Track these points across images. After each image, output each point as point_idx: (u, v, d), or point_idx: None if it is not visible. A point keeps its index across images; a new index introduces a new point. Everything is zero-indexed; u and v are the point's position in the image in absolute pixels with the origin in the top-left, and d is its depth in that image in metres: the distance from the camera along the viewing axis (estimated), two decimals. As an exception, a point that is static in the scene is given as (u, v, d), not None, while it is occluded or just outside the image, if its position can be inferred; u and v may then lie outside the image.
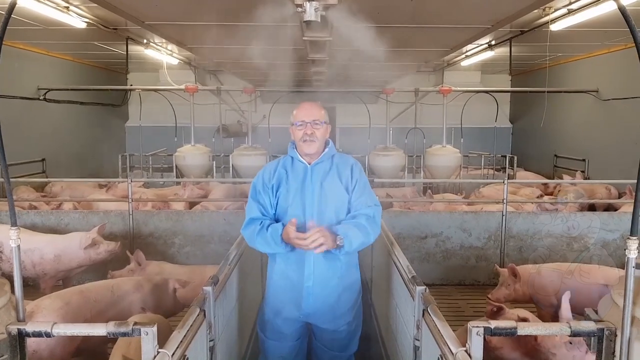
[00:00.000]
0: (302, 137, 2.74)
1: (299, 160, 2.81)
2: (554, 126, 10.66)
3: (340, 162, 2.87)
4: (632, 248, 1.76)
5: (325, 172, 2.79)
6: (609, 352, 1.86)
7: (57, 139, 9.92)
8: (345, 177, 2.80)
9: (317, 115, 2.77)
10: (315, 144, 2.75)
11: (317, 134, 2.75)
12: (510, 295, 4.16)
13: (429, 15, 4.78)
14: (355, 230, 2.63)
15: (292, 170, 2.81)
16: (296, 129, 2.77)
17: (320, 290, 2.75)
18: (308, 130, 2.73)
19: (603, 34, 7.27)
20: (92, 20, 6.16)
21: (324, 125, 2.80)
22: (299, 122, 2.75)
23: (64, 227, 5.59)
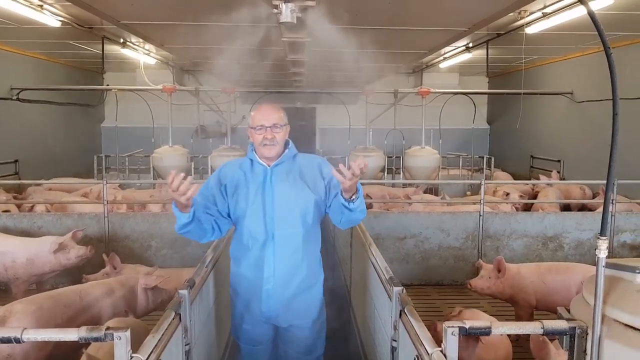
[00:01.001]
0: (262, 142, 2.64)
1: (258, 162, 2.72)
2: (530, 127, 10.84)
3: (305, 162, 2.77)
4: (602, 248, 1.79)
5: (286, 173, 2.70)
6: (581, 349, 1.89)
7: (31, 139, 9.73)
8: (313, 178, 2.71)
9: (277, 119, 2.67)
10: (276, 148, 2.66)
11: (278, 138, 2.66)
12: (489, 288, 4.20)
13: (406, 18, 4.82)
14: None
15: (252, 172, 2.72)
16: (255, 133, 2.67)
17: (281, 292, 2.68)
18: (268, 135, 2.63)
19: (577, 37, 7.42)
20: (67, 19, 6.06)
21: (284, 127, 2.71)
22: (258, 126, 2.64)
23: (37, 230, 5.48)
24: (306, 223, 2.69)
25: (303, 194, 2.67)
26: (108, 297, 3.57)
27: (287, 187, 2.67)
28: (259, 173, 2.70)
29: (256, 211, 2.65)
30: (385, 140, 10.42)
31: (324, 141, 13.35)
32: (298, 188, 2.68)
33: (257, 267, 2.68)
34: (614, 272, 1.91)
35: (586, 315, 1.90)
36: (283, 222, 2.64)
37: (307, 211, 2.68)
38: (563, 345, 1.94)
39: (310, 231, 2.73)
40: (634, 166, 7.01)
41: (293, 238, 2.67)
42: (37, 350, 2.98)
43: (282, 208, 2.65)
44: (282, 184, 2.67)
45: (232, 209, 2.70)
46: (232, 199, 2.68)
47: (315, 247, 2.81)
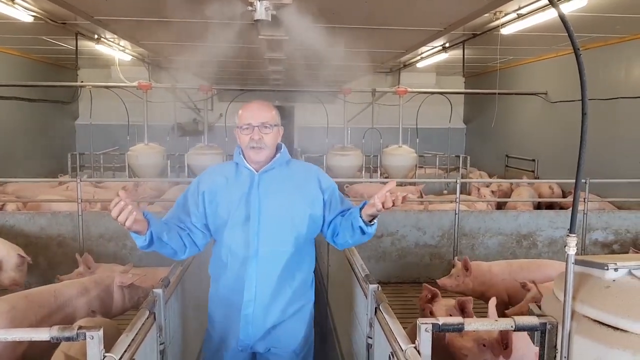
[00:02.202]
0: (249, 144, 2.32)
1: (244, 166, 2.39)
2: (505, 127, 10.99)
3: (300, 170, 2.47)
4: (571, 245, 1.83)
5: (277, 181, 2.37)
6: (551, 345, 1.93)
7: (3, 137, 9.50)
8: (310, 189, 2.39)
9: (267, 117, 2.35)
10: (264, 152, 2.34)
11: (267, 140, 2.33)
12: (458, 286, 4.27)
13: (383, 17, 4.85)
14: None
15: (236, 178, 2.40)
16: (242, 133, 2.35)
17: (262, 318, 2.36)
18: (255, 136, 2.31)
19: (551, 39, 7.55)
20: (40, 14, 5.93)
21: (275, 128, 2.37)
22: (245, 125, 2.33)
23: (8, 229, 5.36)
24: (298, 241, 2.36)
25: (296, 207, 2.35)
26: (83, 297, 3.53)
27: (277, 197, 2.35)
28: (245, 179, 2.38)
29: (238, 223, 2.33)
30: (363, 139, 10.45)
31: (302, 140, 13.34)
32: (290, 199, 2.36)
33: (235, 289, 2.36)
34: (583, 268, 1.95)
35: (557, 312, 1.93)
36: (270, 238, 2.32)
37: (299, 227, 2.36)
38: (534, 340, 1.98)
39: (302, 250, 2.40)
40: (606, 165, 7.17)
41: (280, 257, 2.34)
42: (11, 350, 2.95)
43: (270, 221, 2.32)
44: (271, 193, 2.35)
45: (210, 219, 2.38)
46: (211, 208, 2.37)
47: (307, 268, 2.47)
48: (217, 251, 2.44)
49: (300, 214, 2.36)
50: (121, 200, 1.98)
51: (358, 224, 2.22)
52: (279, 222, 2.33)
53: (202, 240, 2.42)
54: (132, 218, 1.98)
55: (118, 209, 1.97)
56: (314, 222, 2.40)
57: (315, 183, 2.42)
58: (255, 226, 2.32)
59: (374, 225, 2.26)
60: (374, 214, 2.18)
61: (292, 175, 2.43)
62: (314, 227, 2.42)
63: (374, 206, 2.12)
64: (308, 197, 2.38)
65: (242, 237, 2.33)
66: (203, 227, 2.40)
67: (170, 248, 2.28)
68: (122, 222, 1.99)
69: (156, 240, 2.17)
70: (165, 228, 2.24)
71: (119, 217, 1.98)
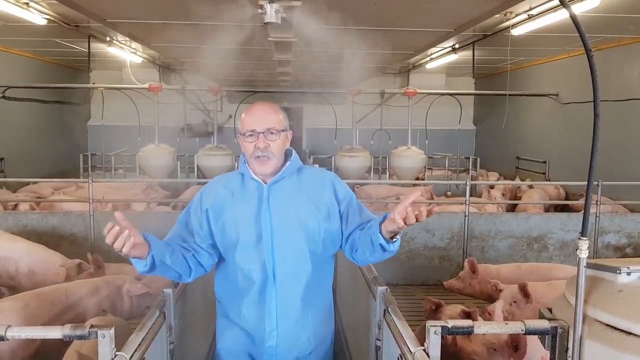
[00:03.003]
0: (254, 153, 2.06)
1: (251, 178, 2.13)
2: (515, 129, 10.92)
3: (313, 178, 2.19)
4: (583, 248, 1.82)
5: (288, 192, 2.12)
6: (562, 349, 1.91)
7: (17, 138, 9.61)
8: (325, 200, 2.13)
9: (273, 122, 2.07)
10: (272, 162, 2.07)
11: (274, 148, 2.06)
12: (464, 288, 4.25)
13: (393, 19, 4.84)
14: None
15: (243, 191, 2.13)
16: (245, 141, 2.08)
17: (287, 350, 2.13)
18: (261, 144, 2.04)
19: (563, 39, 7.50)
20: (53, 17, 5.99)
21: (283, 134, 2.10)
22: (249, 132, 2.06)
23: (22, 228, 5.42)
24: (316, 258, 2.13)
25: (312, 220, 2.10)
26: (93, 296, 3.56)
27: (289, 212, 2.10)
28: (253, 192, 2.12)
29: (249, 243, 2.08)
30: (371, 140, 10.44)
31: (310, 141, 13.35)
32: (305, 212, 2.10)
33: (256, 318, 2.11)
34: (595, 272, 1.94)
35: (568, 315, 1.92)
36: (286, 258, 2.09)
37: (316, 243, 2.12)
38: (545, 344, 1.97)
39: (321, 269, 2.18)
40: (619, 168, 7.10)
41: (300, 278, 2.11)
42: (23, 347, 2.98)
43: (284, 239, 2.08)
44: (283, 207, 2.09)
45: (217, 239, 2.13)
46: (217, 227, 2.12)
47: (327, 287, 2.27)
48: (225, 274, 2.18)
49: (316, 229, 2.10)
50: (115, 226, 1.75)
51: (378, 241, 1.95)
52: (294, 239, 2.09)
53: (209, 261, 2.16)
54: (129, 244, 1.77)
55: (113, 235, 1.75)
56: (332, 238, 2.15)
57: (330, 193, 2.15)
58: (269, 246, 2.07)
59: (397, 242, 1.98)
60: (395, 231, 1.90)
61: (305, 184, 2.15)
62: (332, 243, 2.17)
63: (394, 222, 1.84)
64: (324, 210, 2.12)
65: (256, 259, 2.08)
66: (209, 247, 2.14)
67: (174, 272, 2.05)
68: (119, 249, 1.77)
69: (158, 264, 1.96)
70: (168, 250, 2.01)
71: (114, 244, 1.75)
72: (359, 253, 2.11)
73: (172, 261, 2.01)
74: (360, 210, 2.19)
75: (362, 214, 2.17)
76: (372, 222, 2.05)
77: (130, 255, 1.83)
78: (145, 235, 1.91)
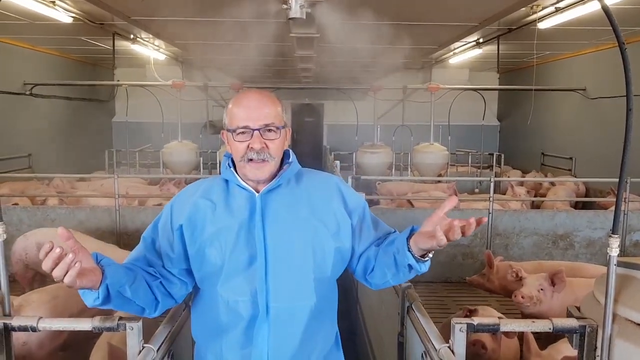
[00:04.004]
0: (246, 155, 1.62)
1: (239, 185, 1.69)
2: (541, 124, 10.75)
3: (316, 185, 1.76)
4: (613, 246, 1.78)
5: (287, 203, 1.68)
6: (591, 348, 1.88)
7: (44, 134, 9.81)
8: (333, 212, 1.70)
9: (271, 116, 1.64)
10: (269, 166, 1.65)
11: (273, 149, 1.64)
12: (484, 284, 4.20)
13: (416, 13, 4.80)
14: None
15: (228, 202, 1.68)
16: (235, 139, 1.64)
17: None
18: (256, 144, 1.61)
19: (591, 33, 7.34)
20: (79, 15, 6.09)
21: (283, 131, 1.68)
22: (240, 129, 1.63)
23: (50, 223, 5.54)
24: (321, 287, 1.69)
25: (317, 240, 1.67)
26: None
27: (290, 227, 1.66)
28: (242, 204, 1.67)
29: (238, 268, 1.62)
30: (393, 136, 10.38)
31: (331, 138, 13.35)
32: (309, 228, 1.67)
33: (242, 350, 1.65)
34: (625, 270, 1.90)
35: (597, 314, 1.88)
36: (284, 289, 1.64)
37: (322, 268, 1.68)
38: (573, 343, 1.93)
39: (327, 299, 1.74)
40: (647, 164, 6.91)
41: (300, 314, 1.65)
42: (51, 339, 3.04)
43: (282, 264, 1.64)
44: (281, 222, 1.66)
45: (195, 264, 1.67)
46: (194, 248, 1.66)
47: (332, 320, 1.82)
48: (205, 307, 1.72)
49: (323, 249, 1.67)
50: (55, 247, 1.34)
51: (406, 261, 1.58)
52: (295, 264, 1.65)
53: (181, 291, 1.72)
54: (74, 271, 1.34)
55: (52, 260, 1.33)
56: (341, 259, 1.72)
57: (338, 202, 1.73)
58: (262, 272, 1.61)
59: (428, 262, 1.61)
60: (432, 249, 1.53)
61: (307, 193, 1.72)
62: (340, 266, 1.74)
63: (432, 238, 1.47)
64: (331, 224, 1.69)
65: (245, 289, 1.62)
66: (182, 273, 1.70)
67: (135, 305, 1.61)
68: (59, 279, 1.34)
69: (115, 296, 1.53)
70: (129, 277, 1.57)
71: (53, 271, 1.34)
72: (376, 275, 1.72)
73: (133, 292, 1.56)
74: (376, 223, 1.81)
75: (377, 227, 1.80)
76: (394, 237, 1.72)
77: (76, 286, 1.39)
78: (98, 259, 1.50)
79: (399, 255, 1.61)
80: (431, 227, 1.50)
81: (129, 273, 1.58)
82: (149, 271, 1.67)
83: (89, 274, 1.42)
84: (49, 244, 1.33)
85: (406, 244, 1.58)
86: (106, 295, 1.50)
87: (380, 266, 1.70)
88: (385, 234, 1.80)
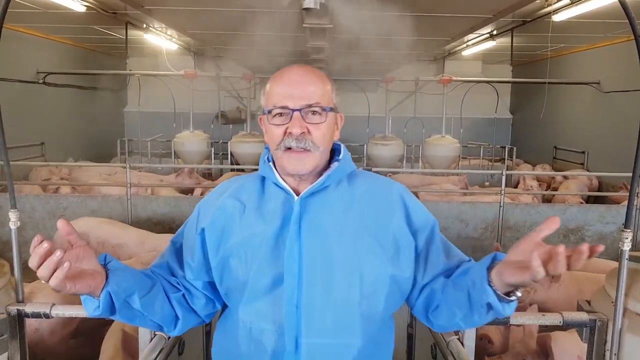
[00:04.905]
0: (283, 142, 1.32)
1: (277, 184, 1.38)
2: (554, 118, 10.65)
3: (372, 190, 1.40)
4: (626, 240, 1.77)
5: (334, 212, 1.34)
6: (601, 342, 1.88)
7: (56, 123, 9.89)
8: (392, 229, 1.34)
9: (317, 95, 1.33)
10: (312, 157, 1.32)
11: (316, 136, 1.32)
12: None
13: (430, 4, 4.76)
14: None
15: (261, 204, 1.37)
16: (271, 122, 1.35)
17: None
18: (295, 128, 1.30)
19: (606, 26, 7.24)
20: (92, 3, 6.11)
21: (331, 115, 1.37)
22: (278, 109, 1.33)
23: (62, 211, 5.61)
24: (370, 324, 1.33)
25: (370, 262, 1.31)
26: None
27: (334, 244, 1.31)
28: (276, 209, 1.35)
29: (263, 288, 1.32)
30: (404, 128, 10.34)
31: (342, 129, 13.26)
32: (357, 248, 1.31)
33: None
34: (637, 265, 1.90)
35: (607, 308, 1.88)
36: (320, 321, 1.30)
37: (375, 300, 1.32)
38: (582, 337, 1.93)
39: (378, 340, 1.38)
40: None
41: (341, 355, 1.31)
42: (63, 326, 3.09)
43: (321, 290, 1.29)
44: (322, 236, 1.31)
45: (216, 276, 1.37)
46: (217, 258, 1.36)
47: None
48: (228, 331, 1.42)
49: (375, 277, 1.31)
50: (44, 241, 1.10)
51: (484, 299, 1.19)
52: (337, 292, 1.30)
53: (207, 308, 1.43)
54: (60, 273, 1.10)
55: (39, 256, 1.09)
56: (398, 291, 1.35)
57: (400, 217, 1.36)
58: (292, 298, 1.29)
59: (514, 303, 1.20)
60: (524, 284, 1.15)
61: (361, 202, 1.37)
62: (395, 299, 1.37)
63: (524, 270, 1.09)
64: (389, 245, 1.33)
65: (269, 316, 1.31)
66: (206, 287, 1.40)
67: (148, 320, 1.33)
68: (45, 279, 1.10)
69: (121, 307, 1.26)
70: (142, 286, 1.30)
71: (38, 270, 1.10)
72: (441, 314, 1.34)
73: (146, 304, 1.29)
74: (447, 247, 1.42)
75: (449, 253, 1.41)
76: (469, 266, 1.34)
77: (66, 290, 1.13)
78: (105, 260, 1.26)
79: (475, 290, 1.22)
80: (522, 255, 1.13)
81: (143, 281, 1.32)
82: (171, 281, 1.40)
83: (86, 277, 1.17)
84: (37, 237, 1.11)
85: (486, 276, 1.20)
86: (109, 305, 1.24)
87: (449, 303, 1.31)
88: (458, 262, 1.40)
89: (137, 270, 1.35)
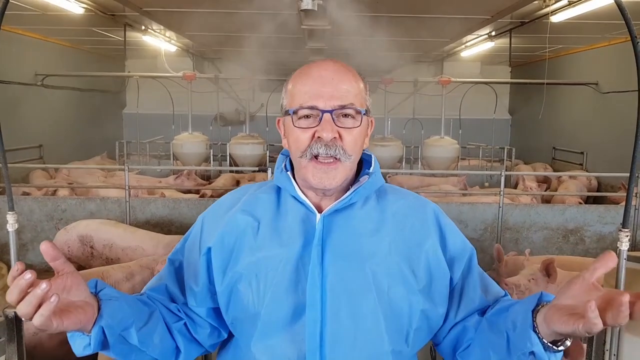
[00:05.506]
0: (310, 148, 1.13)
1: (296, 198, 1.20)
2: (553, 118, 10.67)
3: (404, 210, 1.24)
4: (623, 240, 1.78)
5: (362, 233, 1.17)
6: (600, 342, 1.88)
7: (55, 125, 9.89)
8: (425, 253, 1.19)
9: (351, 95, 1.16)
10: (342, 169, 1.15)
11: (348, 143, 1.15)
12: (494, 278, 4.22)
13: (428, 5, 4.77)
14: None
15: (277, 221, 1.20)
16: (296, 125, 1.16)
17: None
18: (326, 132, 1.12)
19: (604, 27, 7.26)
20: (90, 6, 6.12)
21: (365, 118, 1.19)
22: (304, 109, 1.14)
23: (60, 213, 5.60)
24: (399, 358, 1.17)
25: (397, 293, 1.14)
26: (128, 281, 3.65)
27: (361, 270, 1.14)
28: (295, 228, 1.17)
29: (281, 321, 1.14)
30: (403, 129, 10.35)
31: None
32: (388, 277, 1.15)
33: None
34: (635, 265, 1.90)
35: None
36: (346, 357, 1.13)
37: (404, 335, 1.16)
38: (582, 337, 1.93)
39: None
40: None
41: None
42: (60, 329, 3.07)
43: (347, 322, 1.12)
44: (349, 261, 1.15)
45: (222, 303, 1.20)
46: (224, 284, 1.18)
47: None
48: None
49: (401, 309, 1.15)
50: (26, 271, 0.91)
51: (528, 347, 1.01)
52: (365, 325, 1.13)
53: (212, 338, 1.26)
54: (46, 309, 0.91)
55: (19, 290, 0.90)
56: (427, 327, 1.20)
57: (435, 243, 1.21)
58: (316, 332, 1.11)
59: (560, 354, 1.03)
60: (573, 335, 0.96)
61: (392, 222, 1.20)
62: (423, 336, 1.21)
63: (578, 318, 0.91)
64: (422, 274, 1.17)
65: (288, 352, 1.13)
66: (211, 315, 1.24)
67: (146, 356, 1.13)
68: (28, 317, 0.91)
69: (115, 342, 1.06)
70: (140, 317, 1.12)
71: (18, 306, 0.91)
72: (473, 356, 1.15)
73: (143, 338, 1.10)
74: (484, 281, 1.24)
75: (487, 288, 1.23)
76: (508, 304, 1.15)
77: (53, 329, 0.93)
78: (97, 288, 1.07)
79: (516, 335, 1.04)
80: (574, 299, 0.95)
81: (141, 311, 1.12)
82: (170, 308, 1.20)
83: (76, 310, 0.97)
84: (17, 265, 0.92)
85: (531, 320, 1.01)
86: (101, 341, 1.03)
87: (483, 345, 1.12)
88: (495, 298, 1.22)
89: (132, 296, 1.16)
